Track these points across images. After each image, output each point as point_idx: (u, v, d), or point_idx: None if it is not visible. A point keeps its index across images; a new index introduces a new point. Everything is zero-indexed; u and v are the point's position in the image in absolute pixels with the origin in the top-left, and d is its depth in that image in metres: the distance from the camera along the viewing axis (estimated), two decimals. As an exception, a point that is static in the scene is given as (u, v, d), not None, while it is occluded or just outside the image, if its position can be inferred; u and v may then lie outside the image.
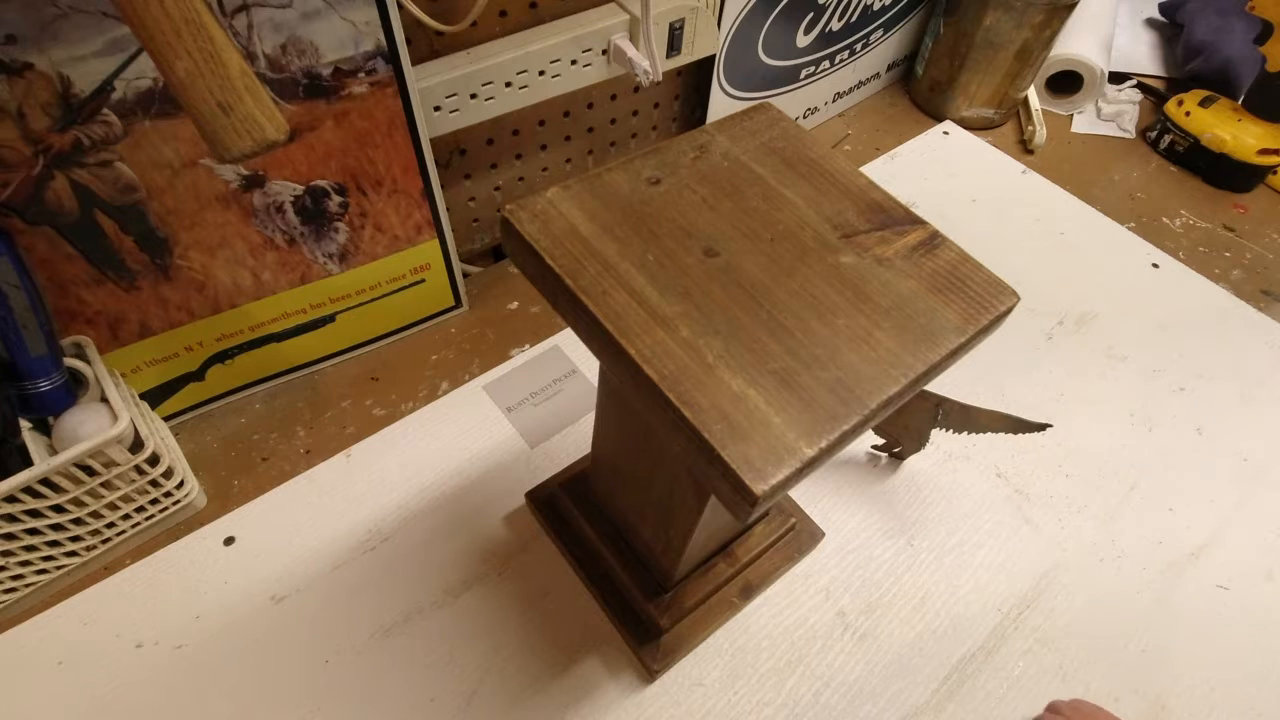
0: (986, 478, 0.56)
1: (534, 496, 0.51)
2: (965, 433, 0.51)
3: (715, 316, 0.27)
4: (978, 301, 0.29)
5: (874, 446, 0.56)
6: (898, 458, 0.55)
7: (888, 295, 0.29)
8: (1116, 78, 0.90)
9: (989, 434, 0.50)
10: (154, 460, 0.46)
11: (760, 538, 0.48)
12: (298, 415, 0.57)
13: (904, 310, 0.28)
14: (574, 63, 0.57)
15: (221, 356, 0.55)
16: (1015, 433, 0.50)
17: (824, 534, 0.51)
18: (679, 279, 0.28)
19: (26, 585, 0.46)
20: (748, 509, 0.24)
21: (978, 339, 0.29)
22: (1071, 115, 0.87)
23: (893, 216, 0.32)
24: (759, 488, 0.23)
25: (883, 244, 0.31)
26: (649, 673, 0.45)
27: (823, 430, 0.25)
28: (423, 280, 0.60)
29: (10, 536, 0.43)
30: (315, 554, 0.50)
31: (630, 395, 0.28)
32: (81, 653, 0.46)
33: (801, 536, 0.50)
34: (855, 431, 0.26)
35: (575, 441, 0.56)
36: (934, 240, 0.31)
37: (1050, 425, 0.49)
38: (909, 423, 0.51)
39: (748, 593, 0.48)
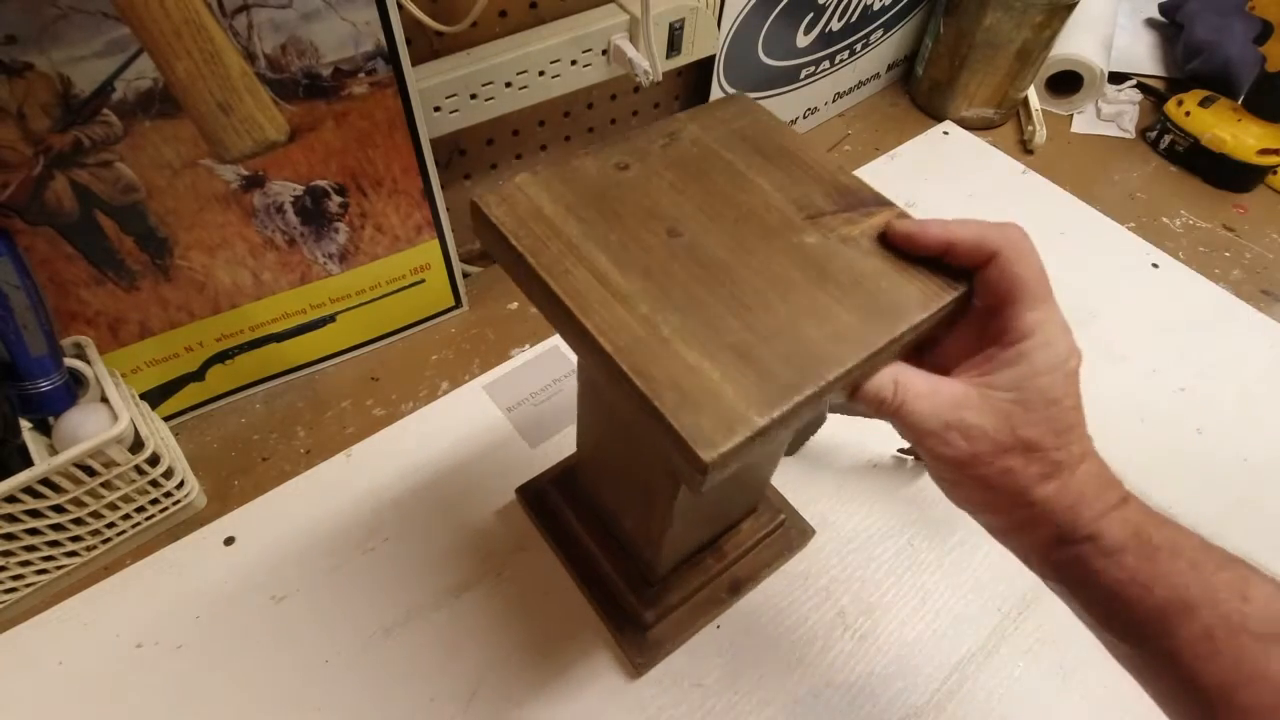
0: (986, 478, 0.56)
1: (524, 491, 0.51)
2: None
3: (675, 293, 0.27)
4: (942, 279, 0.29)
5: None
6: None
7: (850, 273, 0.29)
8: (1116, 78, 0.90)
9: None
10: (154, 460, 0.46)
11: (748, 534, 0.48)
12: (298, 415, 0.57)
13: (865, 287, 0.28)
14: (574, 63, 0.57)
15: (221, 357, 0.55)
16: None
17: (814, 531, 0.51)
18: (641, 258, 0.28)
19: (27, 585, 0.46)
20: (699, 478, 0.24)
21: (945, 317, 0.29)
22: (1071, 115, 0.87)
23: (860, 198, 0.32)
24: (708, 455, 0.23)
25: (849, 224, 0.31)
26: (633, 666, 0.45)
27: (776, 401, 0.25)
28: (423, 280, 0.60)
29: (10, 537, 0.43)
30: (315, 554, 0.50)
31: (592, 371, 0.28)
32: (81, 653, 0.46)
33: (791, 533, 0.50)
34: (811, 403, 0.25)
35: (575, 441, 0.56)
36: (901, 220, 0.31)
37: None
38: None
39: (736, 589, 0.48)
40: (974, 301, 0.29)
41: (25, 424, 0.44)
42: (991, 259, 0.28)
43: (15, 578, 0.45)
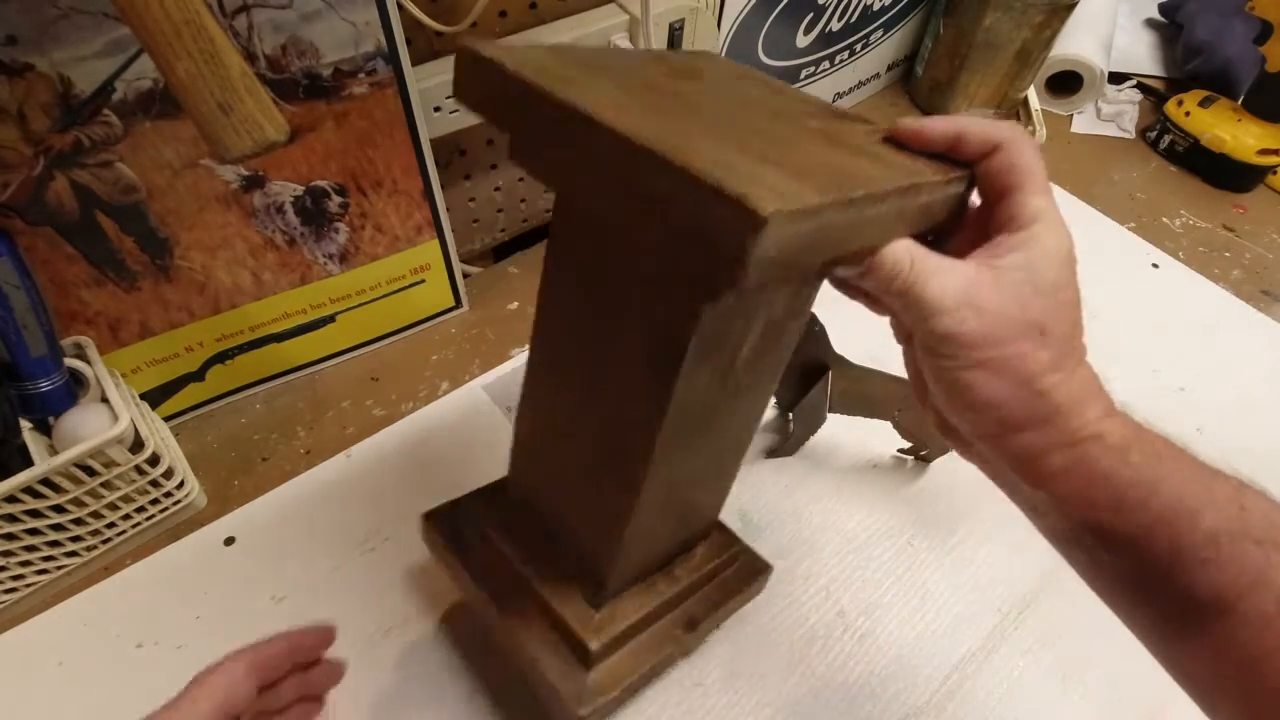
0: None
1: (433, 517, 0.42)
2: None
3: (689, 122, 0.26)
4: (947, 163, 0.29)
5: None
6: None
7: (859, 144, 0.29)
8: (1116, 78, 0.90)
9: None
10: (154, 460, 0.47)
11: (702, 559, 0.43)
12: (298, 415, 0.58)
13: (878, 154, 0.28)
14: (574, 63, 0.57)
15: (222, 357, 0.55)
16: None
17: (771, 568, 0.46)
18: (650, 102, 0.27)
19: (27, 585, 0.46)
20: (752, 239, 0.20)
21: (953, 199, 0.29)
22: (1071, 115, 0.87)
23: (854, 116, 0.33)
24: (768, 208, 0.19)
25: (849, 128, 0.31)
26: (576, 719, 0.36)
27: (827, 189, 0.22)
28: (423, 280, 0.60)
29: (11, 537, 0.43)
30: (315, 554, 0.50)
31: (596, 190, 0.25)
32: (81, 653, 0.46)
33: (744, 570, 0.45)
34: (863, 207, 0.23)
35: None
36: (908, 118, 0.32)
37: None
38: None
39: (692, 626, 0.41)
40: (975, 196, 0.30)
41: (25, 424, 0.44)
42: (995, 150, 0.28)
43: (15, 578, 0.45)
